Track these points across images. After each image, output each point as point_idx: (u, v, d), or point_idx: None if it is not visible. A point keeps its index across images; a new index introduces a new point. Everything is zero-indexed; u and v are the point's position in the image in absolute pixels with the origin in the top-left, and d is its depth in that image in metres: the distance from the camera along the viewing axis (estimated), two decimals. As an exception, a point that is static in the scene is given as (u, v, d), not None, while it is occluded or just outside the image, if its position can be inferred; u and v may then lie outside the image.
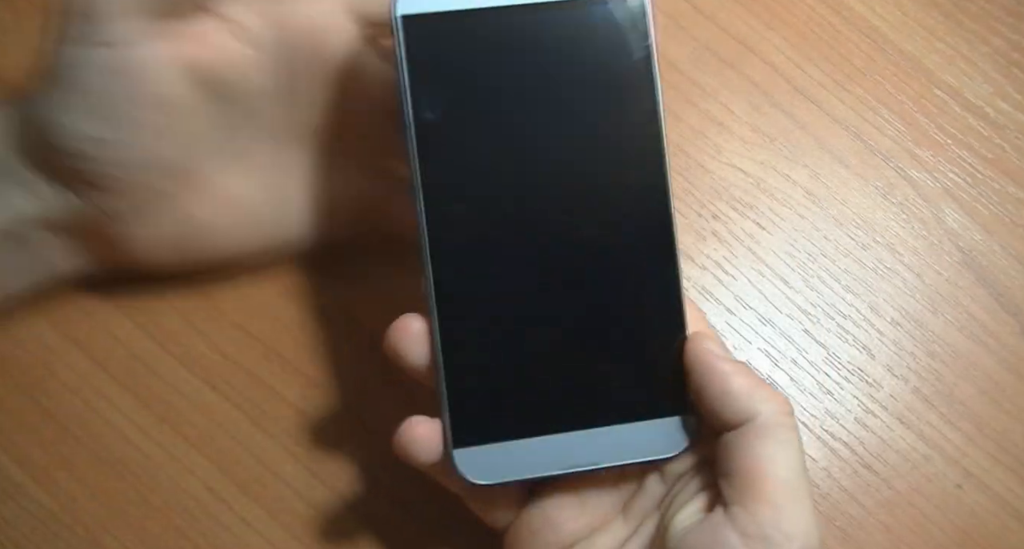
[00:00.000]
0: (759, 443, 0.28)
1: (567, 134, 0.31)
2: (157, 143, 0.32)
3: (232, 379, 0.38)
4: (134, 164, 0.32)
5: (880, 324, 0.40)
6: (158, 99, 0.31)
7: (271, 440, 0.37)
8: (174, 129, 0.32)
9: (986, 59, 0.44)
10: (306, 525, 0.36)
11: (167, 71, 0.31)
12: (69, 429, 0.37)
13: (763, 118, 0.43)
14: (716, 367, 0.29)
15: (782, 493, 0.27)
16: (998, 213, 0.42)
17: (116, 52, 0.30)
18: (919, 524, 0.38)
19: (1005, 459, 0.38)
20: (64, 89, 0.31)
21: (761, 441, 0.28)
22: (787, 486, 0.28)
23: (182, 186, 0.34)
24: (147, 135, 0.32)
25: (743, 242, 0.41)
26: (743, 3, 0.44)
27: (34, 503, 0.36)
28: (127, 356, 0.38)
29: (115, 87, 0.31)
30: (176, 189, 0.34)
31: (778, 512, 0.27)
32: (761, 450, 0.28)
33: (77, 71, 0.30)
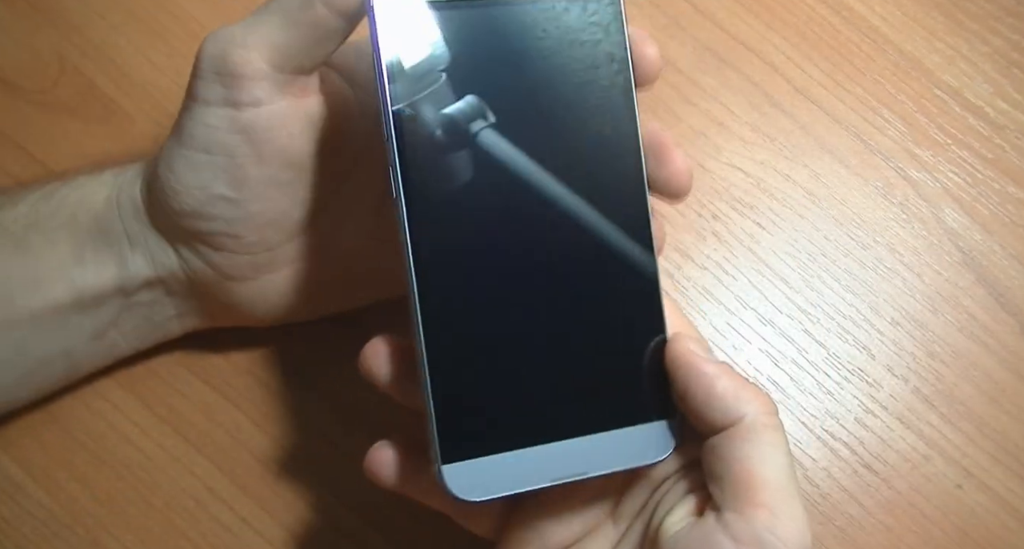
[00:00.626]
0: (747, 446, 0.28)
1: (542, 133, 0.30)
2: (281, 199, 0.32)
3: (232, 379, 0.38)
4: (255, 222, 0.32)
5: (880, 324, 0.40)
6: (282, 155, 0.31)
7: (271, 440, 0.37)
8: (294, 184, 0.32)
9: (986, 59, 0.44)
10: (306, 525, 0.36)
11: (295, 127, 0.31)
12: (69, 429, 0.37)
13: (763, 118, 0.43)
14: (700, 369, 0.29)
15: (775, 497, 0.27)
16: (998, 213, 0.42)
17: (248, 113, 0.30)
18: (919, 524, 0.38)
19: (1005, 459, 0.38)
20: (191, 148, 0.31)
21: (749, 444, 0.28)
22: (779, 489, 0.27)
23: (299, 243, 0.34)
24: (270, 192, 0.31)
25: (743, 242, 0.41)
26: (743, 3, 0.44)
27: (34, 503, 0.36)
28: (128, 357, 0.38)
29: (244, 147, 0.30)
30: (293, 246, 0.34)
31: (772, 516, 0.27)
32: (750, 452, 0.28)
33: (206, 131, 0.30)
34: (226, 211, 0.31)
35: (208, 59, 0.30)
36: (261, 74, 0.29)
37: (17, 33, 0.42)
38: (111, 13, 0.42)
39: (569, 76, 0.31)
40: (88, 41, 0.42)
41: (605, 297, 0.31)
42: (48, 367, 0.34)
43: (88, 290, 0.33)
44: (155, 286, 0.33)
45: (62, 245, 0.33)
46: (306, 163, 0.32)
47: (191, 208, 0.31)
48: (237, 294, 0.34)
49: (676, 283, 0.40)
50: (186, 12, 0.42)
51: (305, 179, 0.32)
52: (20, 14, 0.42)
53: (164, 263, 0.33)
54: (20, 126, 0.40)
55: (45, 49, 0.42)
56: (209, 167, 0.31)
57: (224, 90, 0.30)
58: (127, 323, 0.34)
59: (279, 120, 0.30)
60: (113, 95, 0.41)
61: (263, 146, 0.30)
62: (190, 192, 0.31)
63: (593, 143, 0.31)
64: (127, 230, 0.33)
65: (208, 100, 0.30)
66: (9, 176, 0.40)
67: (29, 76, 0.41)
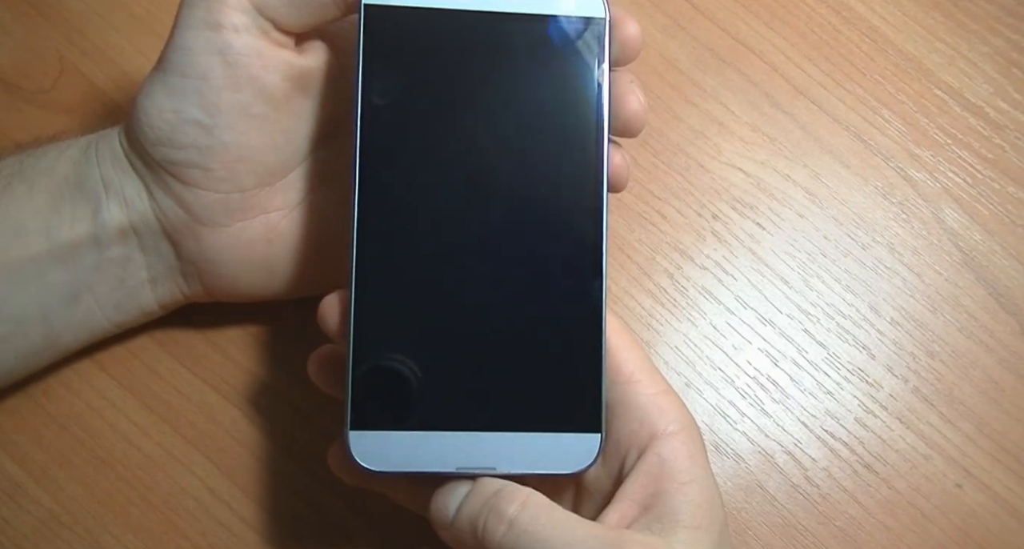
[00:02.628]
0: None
1: (506, 139, 0.31)
2: (253, 133, 0.32)
3: (232, 379, 0.38)
4: (227, 154, 0.32)
5: (880, 324, 0.40)
6: (258, 87, 0.32)
7: (271, 440, 0.37)
8: (270, 122, 0.33)
9: (986, 59, 0.44)
10: (306, 525, 0.36)
11: (270, 61, 0.32)
12: (69, 429, 0.37)
13: (763, 118, 0.43)
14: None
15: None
16: (998, 213, 0.42)
17: (225, 35, 0.31)
18: (919, 524, 0.38)
19: (1005, 459, 0.38)
20: (168, 72, 0.32)
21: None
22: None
23: (271, 193, 0.34)
24: (242, 123, 0.32)
25: (743, 242, 0.41)
26: (743, 3, 0.44)
27: (34, 503, 0.36)
28: (127, 356, 0.38)
29: (218, 68, 0.31)
30: (266, 195, 0.34)
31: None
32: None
33: (183, 54, 0.31)
34: (198, 137, 0.32)
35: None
36: (242, 6, 0.31)
37: (17, 33, 0.42)
38: (111, 13, 0.42)
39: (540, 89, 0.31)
40: (88, 41, 0.42)
41: (547, 303, 0.31)
42: (25, 331, 0.34)
43: (63, 238, 0.33)
44: (128, 238, 0.33)
45: (41, 194, 0.33)
46: (280, 102, 0.33)
47: (164, 132, 0.32)
48: (209, 244, 0.34)
49: (676, 283, 0.40)
50: (186, 12, 0.42)
51: (279, 121, 0.33)
52: (20, 14, 0.42)
53: (137, 207, 0.33)
54: (20, 126, 0.40)
55: (45, 49, 0.42)
56: (183, 90, 0.32)
57: (204, 12, 0.31)
58: (101, 285, 0.34)
59: (254, 50, 0.31)
60: (113, 95, 0.41)
61: (236, 70, 0.31)
62: (163, 115, 0.32)
63: (556, 155, 0.31)
64: (103, 176, 0.33)
65: (188, 23, 0.31)
66: (9, 176, 0.40)
67: (29, 76, 0.41)
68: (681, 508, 0.29)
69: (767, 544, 0.37)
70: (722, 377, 0.39)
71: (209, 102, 0.32)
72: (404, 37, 0.31)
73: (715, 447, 0.38)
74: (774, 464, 0.38)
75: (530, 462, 0.30)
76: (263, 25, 0.32)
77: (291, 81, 0.33)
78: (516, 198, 0.31)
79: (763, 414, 0.39)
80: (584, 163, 0.31)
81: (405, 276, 0.31)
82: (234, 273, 0.35)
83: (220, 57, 0.31)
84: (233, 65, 0.31)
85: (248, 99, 0.32)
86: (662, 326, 0.40)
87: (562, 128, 0.31)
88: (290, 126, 0.34)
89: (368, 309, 0.30)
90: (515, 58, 0.31)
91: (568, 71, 0.32)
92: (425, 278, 0.31)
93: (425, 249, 0.31)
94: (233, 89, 0.32)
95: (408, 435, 0.30)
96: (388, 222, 0.31)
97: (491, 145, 0.31)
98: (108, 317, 0.35)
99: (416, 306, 0.31)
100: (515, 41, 0.31)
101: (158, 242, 0.34)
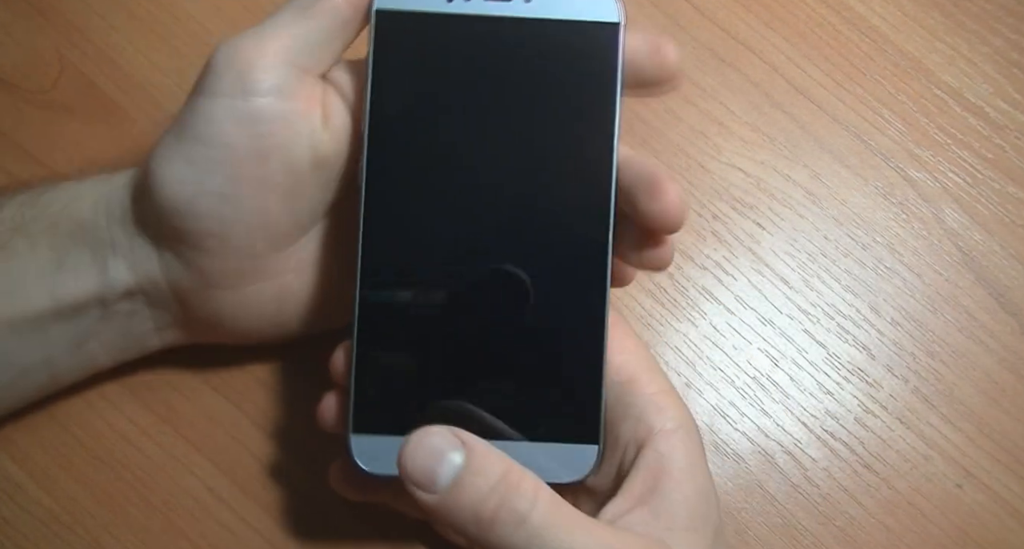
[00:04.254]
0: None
1: (514, 144, 0.31)
2: (272, 202, 0.31)
3: (232, 379, 0.38)
4: (244, 225, 0.31)
5: (880, 324, 0.40)
6: (282, 155, 0.30)
7: (271, 440, 0.37)
8: (292, 192, 0.31)
9: (986, 59, 0.44)
10: (306, 525, 0.36)
11: (299, 129, 0.30)
12: (69, 429, 0.37)
13: (763, 118, 0.43)
14: None
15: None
16: (998, 213, 0.42)
17: (255, 103, 0.30)
18: (919, 524, 0.38)
19: (1005, 459, 0.38)
20: (189, 141, 0.30)
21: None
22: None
23: (284, 256, 0.33)
24: (264, 195, 0.31)
25: (743, 242, 0.41)
26: (743, 3, 0.44)
27: (34, 503, 0.36)
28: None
29: (246, 140, 0.30)
30: (280, 259, 0.33)
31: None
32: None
33: (208, 123, 0.30)
34: (217, 209, 0.31)
35: (221, 54, 0.30)
36: (273, 64, 0.30)
37: (17, 33, 0.42)
38: (111, 13, 0.42)
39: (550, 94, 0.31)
40: (88, 41, 0.42)
41: (549, 316, 0.31)
42: (28, 377, 0.33)
43: (67, 298, 0.32)
44: (135, 296, 0.33)
45: (43, 251, 0.32)
46: (303, 171, 0.31)
47: (181, 203, 0.31)
48: (219, 304, 0.33)
49: (676, 283, 0.40)
50: (187, 13, 0.42)
51: (300, 189, 0.32)
52: (20, 14, 0.42)
53: (146, 270, 0.32)
54: (20, 126, 0.40)
55: (45, 49, 0.42)
56: (205, 160, 0.30)
57: (233, 79, 0.30)
58: (106, 333, 0.33)
59: (285, 116, 0.30)
60: (113, 95, 0.41)
61: (265, 140, 0.30)
62: (183, 186, 0.30)
63: (565, 164, 0.31)
64: (111, 236, 0.32)
65: (215, 91, 0.30)
66: (9, 176, 0.40)
67: (29, 76, 0.41)
68: (677, 509, 0.29)
69: (767, 544, 0.37)
70: (722, 377, 0.39)
71: (232, 174, 0.30)
72: (415, 41, 0.31)
73: (715, 447, 0.38)
74: (774, 464, 0.38)
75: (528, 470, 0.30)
76: (294, 83, 0.30)
77: (313, 153, 0.31)
78: (521, 208, 0.31)
79: (763, 414, 0.39)
80: (593, 172, 0.31)
81: (408, 286, 0.31)
82: (244, 328, 0.34)
83: (248, 128, 0.30)
84: (261, 136, 0.30)
85: (271, 172, 0.30)
86: (662, 326, 0.40)
87: (572, 135, 0.31)
88: (311, 194, 0.32)
89: (372, 318, 0.31)
90: (527, 63, 0.31)
91: (580, 76, 0.31)
92: (427, 288, 0.31)
93: (429, 258, 0.31)
94: (258, 161, 0.30)
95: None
96: (393, 228, 0.31)
97: (500, 150, 0.31)
98: (111, 358, 0.35)
99: (418, 316, 0.31)
100: (527, 46, 0.31)
101: (166, 301, 0.33)
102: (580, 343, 0.31)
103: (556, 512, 0.27)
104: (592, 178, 0.31)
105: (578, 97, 0.31)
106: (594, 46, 0.31)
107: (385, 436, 0.30)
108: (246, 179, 0.30)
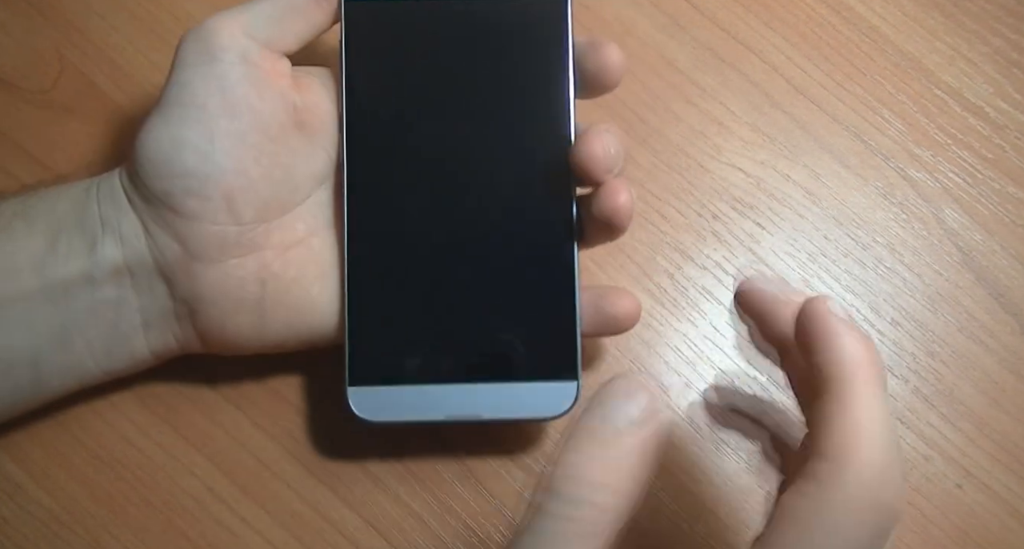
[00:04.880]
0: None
1: (481, 110, 0.35)
2: (250, 163, 0.33)
3: (232, 379, 0.38)
4: (224, 182, 0.33)
5: (880, 324, 0.40)
6: (252, 114, 0.33)
7: (271, 440, 0.37)
8: (266, 154, 0.34)
9: (986, 59, 0.44)
10: (306, 525, 0.37)
11: (266, 91, 0.33)
12: (69, 429, 0.37)
13: (763, 118, 0.43)
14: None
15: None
16: (998, 213, 0.42)
17: (221, 65, 0.33)
18: (919, 524, 0.38)
19: (1005, 459, 0.38)
20: (166, 106, 0.33)
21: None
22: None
23: (266, 230, 0.34)
24: (239, 150, 0.33)
25: (743, 242, 0.41)
26: (743, 3, 0.44)
27: (34, 503, 0.36)
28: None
29: (216, 97, 0.33)
30: (261, 232, 0.34)
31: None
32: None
33: (180, 87, 0.33)
34: (196, 164, 0.33)
35: (190, 34, 0.34)
36: (233, 34, 0.33)
37: (17, 33, 0.42)
38: (111, 13, 0.42)
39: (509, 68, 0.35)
40: (88, 41, 0.42)
41: (522, 260, 0.34)
42: (12, 373, 0.33)
43: (55, 277, 0.33)
44: (122, 277, 0.33)
45: (39, 233, 0.33)
46: (276, 135, 0.34)
47: (162, 162, 0.33)
48: (203, 281, 0.33)
49: (676, 283, 0.40)
50: (186, 12, 0.42)
51: (277, 154, 0.34)
52: (20, 14, 0.42)
53: (133, 246, 0.33)
54: (20, 126, 0.40)
55: (45, 49, 0.42)
56: (181, 118, 0.33)
57: (200, 49, 0.33)
58: (93, 328, 0.33)
59: (250, 80, 0.33)
60: (113, 95, 0.41)
61: (233, 97, 0.33)
62: (160, 145, 0.33)
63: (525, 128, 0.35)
64: (101, 214, 0.33)
65: (184, 63, 0.33)
66: (9, 176, 0.40)
67: (29, 76, 0.41)
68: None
69: (767, 544, 0.37)
70: (722, 377, 0.39)
71: (206, 128, 0.33)
72: (382, 27, 0.35)
73: (715, 447, 0.38)
74: (774, 464, 0.38)
75: (513, 409, 0.34)
76: (255, 52, 0.33)
77: (287, 114, 0.34)
78: (491, 166, 0.35)
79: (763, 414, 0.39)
80: (552, 128, 0.34)
81: (393, 252, 0.34)
82: (225, 313, 0.34)
83: (217, 85, 0.33)
84: (229, 92, 0.33)
85: (244, 127, 0.33)
86: (662, 326, 0.40)
87: (531, 103, 0.35)
88: (287, 162, 0.34)
89: (361, 281, 0.34)
90: (486, 39, 0.35)
91: (536, 46, 0.35)
92: (411, 254, 0.34)
93: (411, 230, 0.34)
94: (230, 116, 0.33)
95: (401, 389, 0.34)
96: (375, 192, 0.34)
97: (468, 117, 0.35)
98: (98, 364, 0.34)
99: (404, 278, 0.34)
100: (487, 25, 0.35)
101: (152, 281, 0.33)
102: (552, 291, 0.34)
103: None
104: (552, 135, 0.34)
105: (535, 64, 0.35)
106: (546, 18, 0.35)
107: (379, 387, 0.34)
108: (220, 134, 0.33)
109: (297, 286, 0.34)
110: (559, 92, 0.34)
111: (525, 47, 0.35)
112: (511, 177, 0.34)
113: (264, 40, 0.34)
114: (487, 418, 0.34)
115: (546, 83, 0.34)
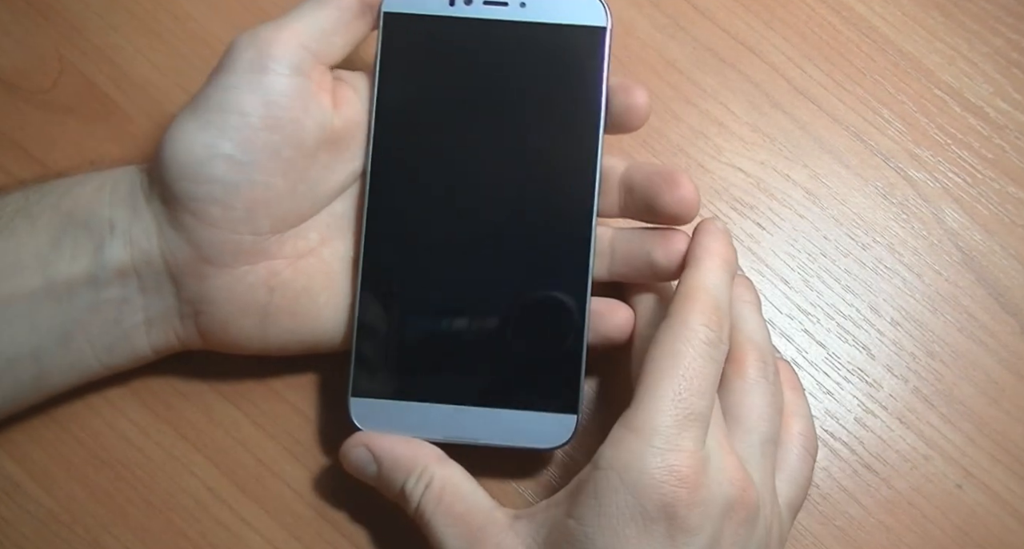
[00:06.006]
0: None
1: (509, 133, 0.35)
2: (279, 177, 0.33)
3: (232, 379, 0.38)
4: (250, 193, 0.32)
5: (880, 324, 0.40)
6: (291, 128, 0.33)
7: (271, 440, 0.37)
8: (297, 168, 0.33)
9: (986, 59, 0.44)
10: (306, 525, 0.37)
11: (310, 107, 0.33)
12: (69, 429, 0.37)
13: (763, 118, 0.43)
14: None
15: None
16: (998, 213, 0.42)
17: (270, 77, 0.32)
18: (919, 524, 0.38)
19: (1005, 459, 0.38)
20: (205, 109, 0.32)
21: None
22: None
23: (280, 240, 0.34)
24: (272, 164, 0.33)
25: (743, 242, 0.41)
26: (743, 3, 0.44)
27: (34, 503, 0.36)
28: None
29: (260, 108, 0.32)
30: (276, 243, 0.34)
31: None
32: None
33: (225, 92, 0.32)
34: (227, 173, 0.32)
35: (242, 39, 0.33)
36: (287, 45, 0.32)
37: (17, 33, 0.42)
38: (111, 13, 0.42)
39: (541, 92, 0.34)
40: (88, 41, 0.42)
41: (535, 290, 0.34)
42: (14, 369, 0.33)
43: (59, 276, 0.32)
44: (128, 277, 0.33)
45: (42, 231, 0.33)
46: (310, 150, 0.33)
47: (191, 166, 0.32)
48: (212, 284, 0.33)
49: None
50: (186, 12, 0.42)
51: (307, 169, 0.34)
52: (20, 14, 0.42)
53: (142, 247, 0.33)
54: (20, 126, 0.40)
55: (45, 49, 0.42)
56: (220, 125, 0.32)
57: (252, 57, 0.32)
58: (95, 326, 0.33)
59: (296, 93, 0.33)
60: (113, 95, 0.41)
61: (278, 111, 0.32)
62: (193, 149, 0.32)
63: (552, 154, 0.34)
64: (111, 216, 0.33)
65: (234, 68, 0.32)
66: (9, 176, 0.40)
67: (29, 76, 0.41)
68: None
69: (767, 544, 0.37)
70: (722, 377, 0.39)
71: (245, 138, 0.32)
72: (419, 41, 0.35)
73: (715, 447, 0.38)
74: (774, 464, 0.38)
75: (510, 436, 0.34)
76: (309, 64, 0.33)
77: (324, 131, 0.34)
78: (514, 191, 0.35)
79: (763, 414, 0.39)
80: (579, 158, 0.34)
81: (408, 267, 0.35)
82: (230, 316, 0.34)
83: (263, 96, 0.32)
84: (275, 105, 0.32)
85: (282, 140, 0.33)
86: (662, 326, 0.40)
87: (561, 129, 0.34)
88: (314, 176, 0.34)
89: (373, 294, 0.34)
90: (521, 61, 0.34)
91: (571, 73, 0.34)
92: (426, 271, 0.35)
93: (427, 247, 0.35)
94: (270, 129, 0.32)
95: (402, 405, 0.34)
96: (396, 220, 0.35)
97: (495, 138, 0.35)
98: (100, 360, 0.34)
99: (416, 295, 0.35)
100: (522, 47, 0.34)
101: (159, 281, 0.33)
102: (564, 322, 0.34)
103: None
104: (578, 163, 0.34)
105: (568, 91, 0.34)
106: (583, 47, 0.34)
107: (381, 400, 0.34)
108: (258, 147, 0.32)
109: (305, 294, 0.34)
110: (589, 123, 0.34)
111: (560, 73, 0.34)
112: (531, 205, 0.34)
113: (315, 51, 0.33)
114: (484, 442, 0.34)
115: (577, 112, 0.34)
